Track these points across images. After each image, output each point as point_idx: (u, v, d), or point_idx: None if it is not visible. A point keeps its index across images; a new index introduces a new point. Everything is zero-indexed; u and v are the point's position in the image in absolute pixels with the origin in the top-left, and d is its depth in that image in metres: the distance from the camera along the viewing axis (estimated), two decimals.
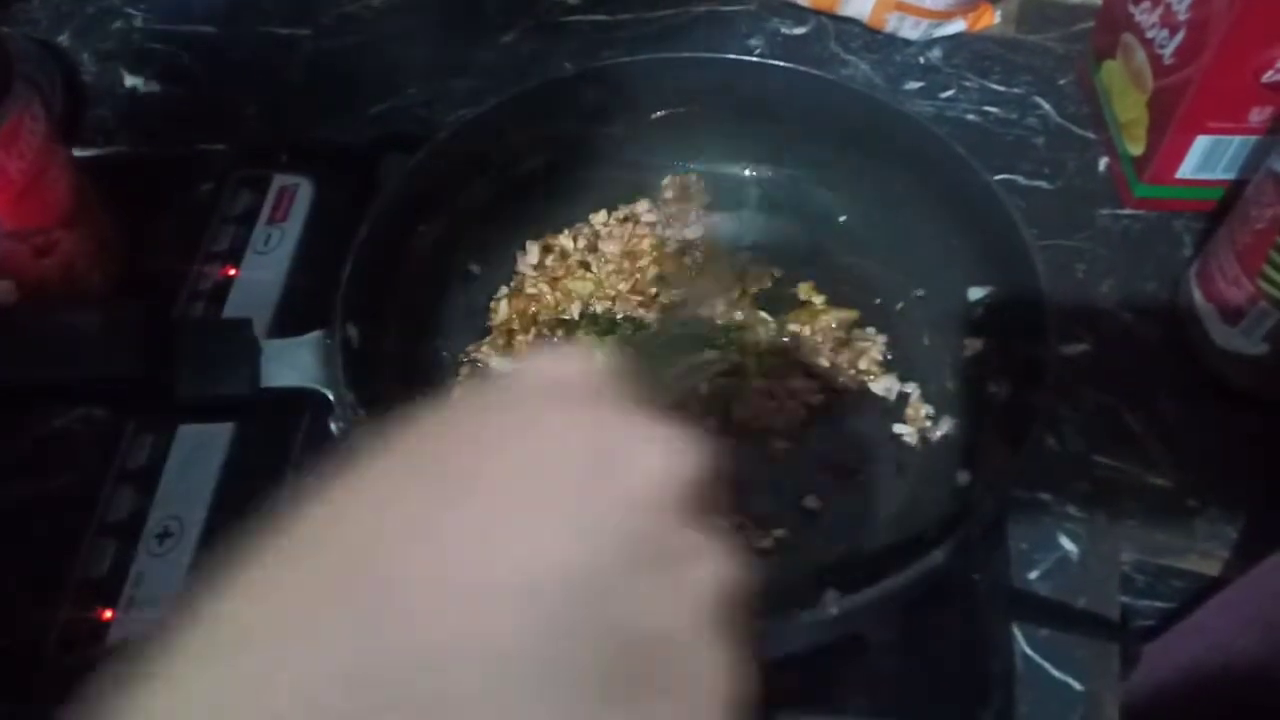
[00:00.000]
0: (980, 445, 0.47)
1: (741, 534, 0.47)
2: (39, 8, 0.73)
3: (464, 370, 0.53)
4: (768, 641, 0.41)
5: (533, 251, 0.56)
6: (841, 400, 0.51)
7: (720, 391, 0.50)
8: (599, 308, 0.54)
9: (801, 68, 0.55)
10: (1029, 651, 0.45)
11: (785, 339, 0.53)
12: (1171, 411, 0.51)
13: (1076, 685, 0.44)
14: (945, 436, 0.49)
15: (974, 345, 0.50)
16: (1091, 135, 0.63)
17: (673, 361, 0.38)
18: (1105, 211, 0.59)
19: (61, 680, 0.44)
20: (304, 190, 0.59)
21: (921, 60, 0.68)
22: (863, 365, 0.51)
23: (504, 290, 0.56)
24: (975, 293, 0.51)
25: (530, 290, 0.55)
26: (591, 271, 0.55)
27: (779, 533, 0.47)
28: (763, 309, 0.54)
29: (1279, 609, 0.42)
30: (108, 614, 0.45)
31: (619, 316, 0.53)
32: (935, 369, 0.51)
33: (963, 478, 0.47)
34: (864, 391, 0.51)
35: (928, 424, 0.50)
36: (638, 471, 0.20)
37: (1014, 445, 0.43)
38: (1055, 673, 0.44)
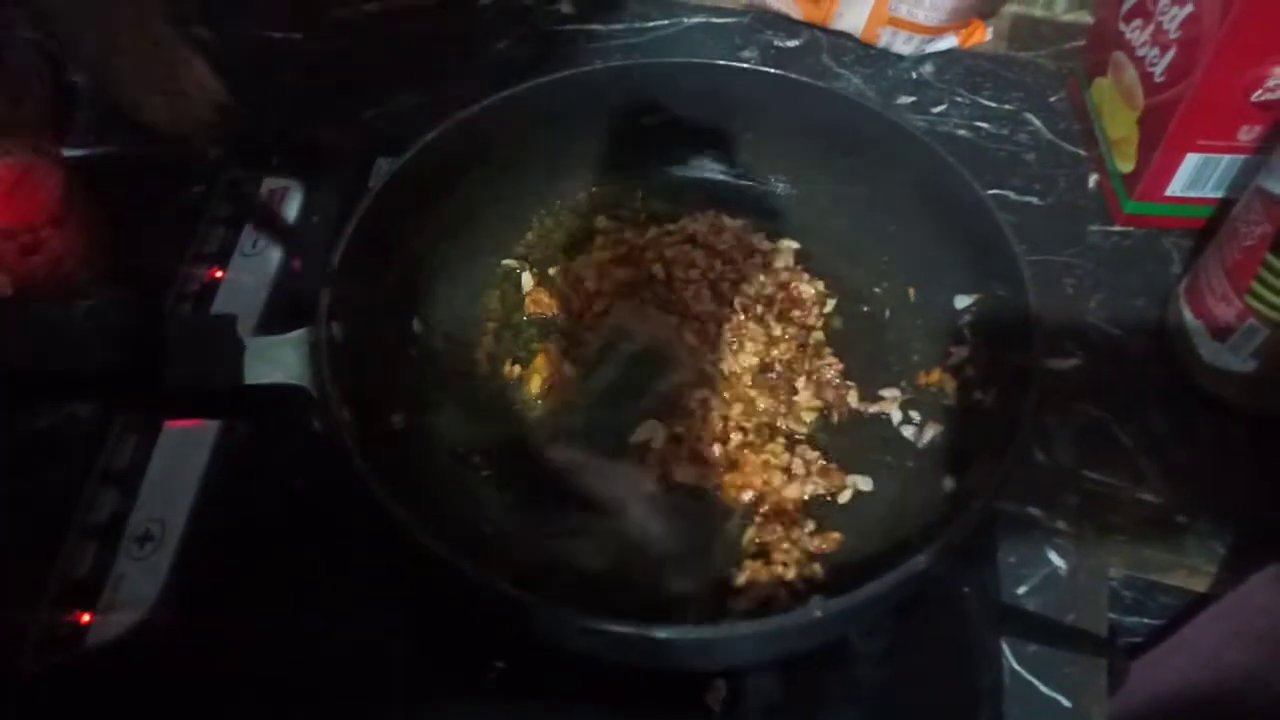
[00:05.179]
0: (967, 452, 0.47)
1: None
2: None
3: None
4: (758, 649, 0.41)
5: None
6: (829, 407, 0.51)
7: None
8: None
9: (794, 75, 0.55)
10: (1017, 667, 0.44)
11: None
12: (1160, 427, 0.51)
13: (1064, 701, 0.44)
14: (932, 443, 0.49)
15: (960, 353, 0.50)
16: (1082, 152, 0.63)
17: None
18: (1095, 228, 0.60)
19: (38, 684, 0.43)
20: (294, 193, 0.59)
21: (914, 75, 0.68)
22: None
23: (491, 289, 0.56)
24: (962, 300, 0.51)
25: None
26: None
27: None
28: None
29: (1267, 624, 0.42)
30: (86, 617, 0.44)
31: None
32: (923, 375, 0.51)
33: (949, 484, 0.47)
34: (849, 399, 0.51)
35: (914, 430, 0.49)
36: None
37: (999, 453, 0.43)
38: (1043, 688, 0.44)
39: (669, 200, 0.59)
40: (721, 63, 0.57)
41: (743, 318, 0.53)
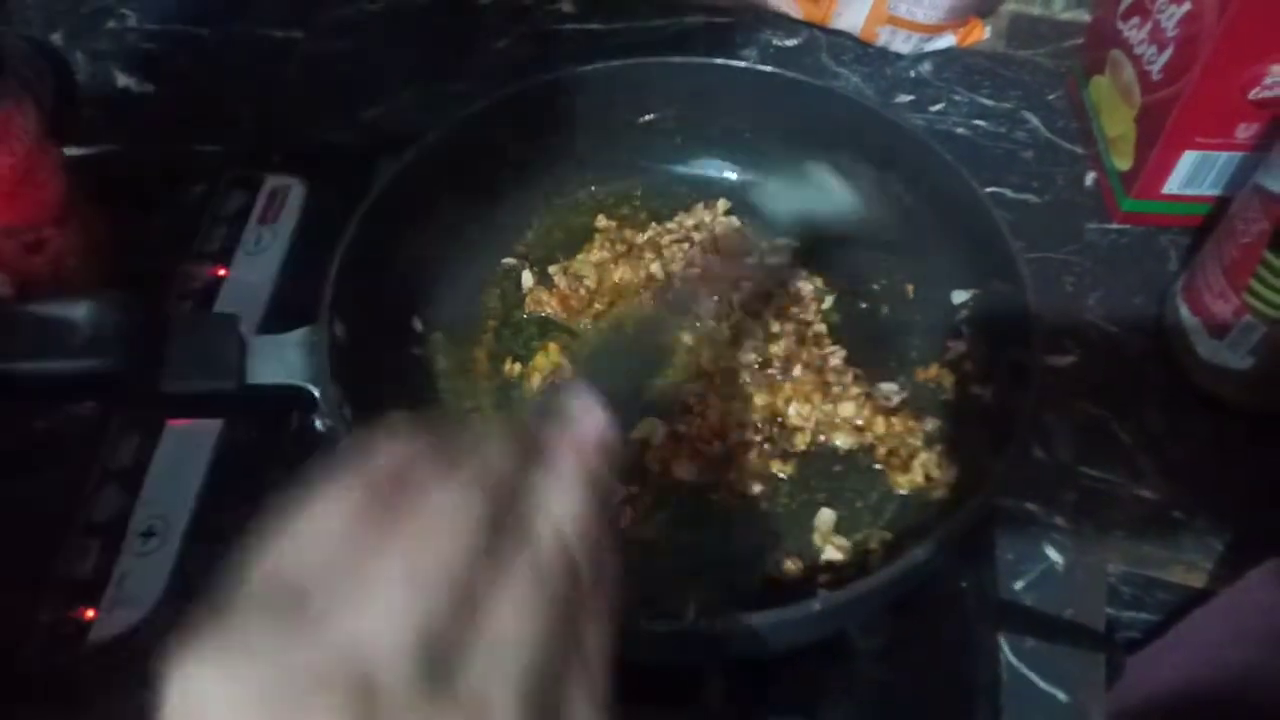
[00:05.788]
0: (965, 448, 0.48)
1: None
2: (33, 6, 0.73)
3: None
4: (758, 642, 0.41)
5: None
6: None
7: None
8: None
9: (793, 74, 0.55)
10: (1015, 662, 0.45)
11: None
12: (1158, 424, 0.52)
13: (1062, 696, 0.44)
14: (929, 437, 0.49)
15: (958, 348, 0.51)
16: (1080, 150, 0.64)
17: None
18: (1093, 225, 0.60)
19: (41, 680, 0.43)
20: (295, 192, 0.59)
21: (912, 74, 0.69)
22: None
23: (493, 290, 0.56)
24: (959, 295, 0.51)
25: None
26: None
27: None
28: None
29: (1264, 621, 0.43)
30: (90, 613, 0.44)
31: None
32: (921, 371, 0.51)
33: (947, 478, 0.47)
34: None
35: (912, 425, 0.50)
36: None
37: (998, 448, 0.43)
38: (1041, 684, 0.44)
39: (669, 199, 0.59)
40: (720, 62, 0.57)
41: (741, 315, 0.53)
